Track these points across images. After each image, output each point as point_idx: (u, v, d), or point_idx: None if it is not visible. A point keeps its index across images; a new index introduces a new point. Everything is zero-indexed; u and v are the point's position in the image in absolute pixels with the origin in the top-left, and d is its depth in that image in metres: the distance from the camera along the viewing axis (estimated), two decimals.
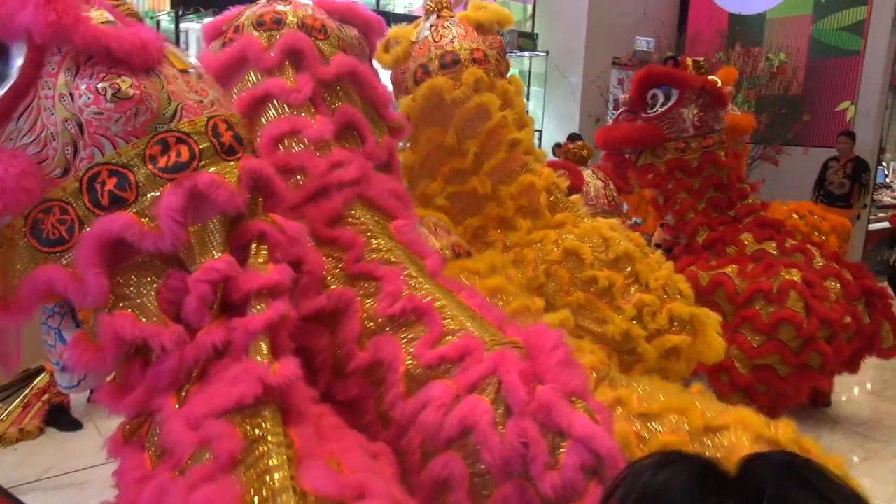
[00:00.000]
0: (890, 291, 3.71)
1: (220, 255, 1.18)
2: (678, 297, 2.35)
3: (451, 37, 2.33)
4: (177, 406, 1.12)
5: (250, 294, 1.17)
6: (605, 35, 7.89)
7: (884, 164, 9.17)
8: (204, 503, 0.96)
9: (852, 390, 4.51)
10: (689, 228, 3.67)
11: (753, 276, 3.31)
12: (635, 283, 2.32)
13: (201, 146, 1.21)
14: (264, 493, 0.99)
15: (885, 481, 3.47)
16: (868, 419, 4.19)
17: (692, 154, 3.54)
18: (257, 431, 1.07)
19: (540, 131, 7.86)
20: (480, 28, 2.39)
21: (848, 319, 3.32)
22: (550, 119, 8.11)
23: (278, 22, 1.71)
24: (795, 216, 4.06)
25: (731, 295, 3.29)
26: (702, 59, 3.71)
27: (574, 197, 2.61)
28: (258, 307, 1.17)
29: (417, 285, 1.47)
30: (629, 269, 2.33)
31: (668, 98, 3.48)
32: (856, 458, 3.69)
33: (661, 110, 3.48)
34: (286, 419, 1.12)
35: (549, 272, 2.25)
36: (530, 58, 8.02)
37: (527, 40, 7.77)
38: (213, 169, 1.20)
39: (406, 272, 1.49)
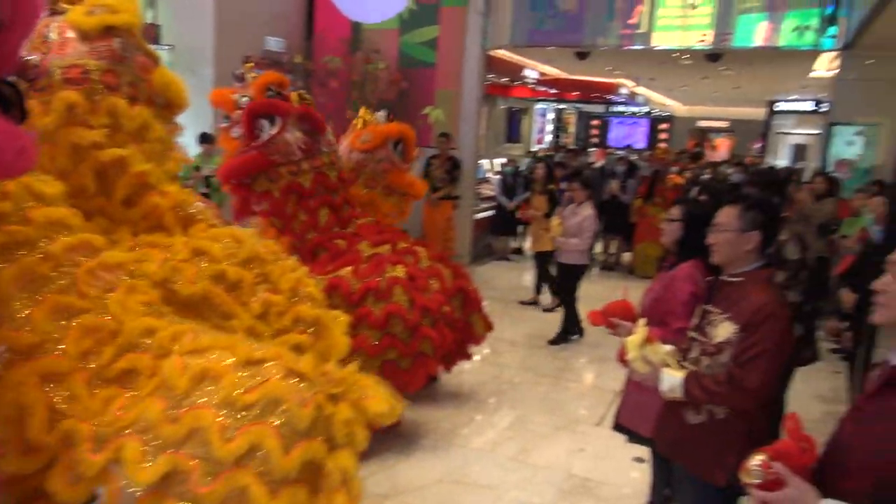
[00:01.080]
0: (479, 293, 4.26)
1: None
2: (308, 300, 2.48)
3: (45, 49, 2.07)
4: None
5: None
6: (235, 33, 7.83)
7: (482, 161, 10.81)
8: None
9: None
10: (308, 249, 3.84)
11: (365, 276, 3.57)
12: (265, 283, 2.36)
13: None
14: None
15: (489, 436, 4.19)
16: (475, 383, 4.99)
17: (304, 176, 3.80)
18: None
19: None
20: (85, 37, 2.13)
21: (446, 308, 3.76)
22: (183, 114, 7.76)
23: None
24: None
25: (346, 295, 3.49)
26: (305, 91, 4.03)
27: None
28: None
29: None
30: (259, 270, 2.36)
31: (273, 126, 3.70)
32: (478, 418, 4.38)
33: (266, 137, 3.67)
34: None
35: (175, 267, 2.15)
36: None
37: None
38: None
39: None
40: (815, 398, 5.06)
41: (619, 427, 2.98)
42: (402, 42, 8.71)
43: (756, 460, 1.49)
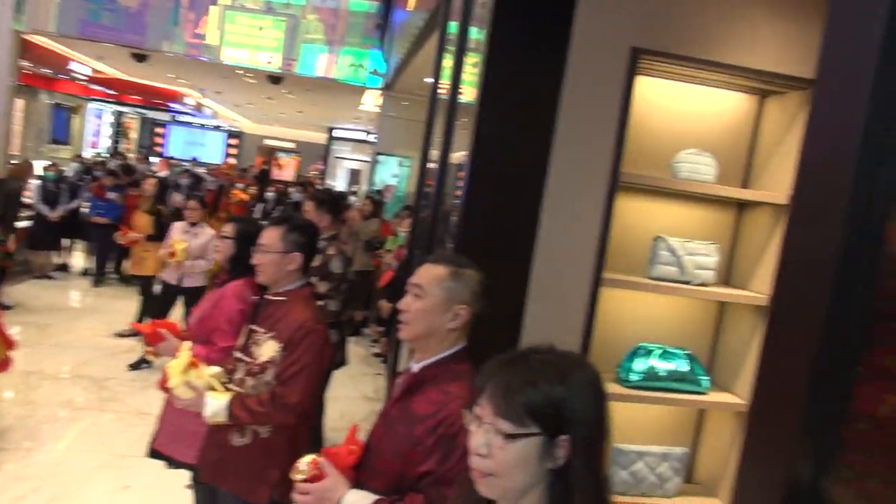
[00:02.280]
0: None
1: None
2: None
3: None
4: None
5: None
6: None
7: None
8: None
9: None
10: None
11: None
12: None
13: None
14: None
15: (8, 487, 3.53)
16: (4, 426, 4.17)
17: None
18: None
19: None
20: None
21: None
22: None
23: None
24: None
25: None
26: None
27: None
28: None
29: None
30: None
31: None
32: (6, 468, 3.62)
33: None
34: None
35: None
36: None
37: None
38: None
39: None
40: (362, 399, 5.60)
41: (154, 453, 2.79)
42: None
43: (306, 458, 1.58)
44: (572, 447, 1.01)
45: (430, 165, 4.59)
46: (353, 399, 5.49)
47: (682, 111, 2.63)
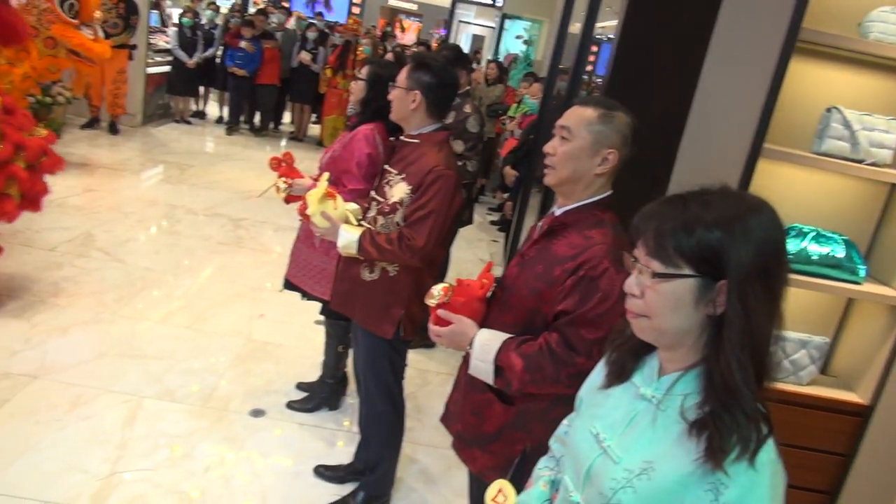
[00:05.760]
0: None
1: None
2: None
3: None
4: None
5: None
6: None
7: (162, 10, 9.51)
8: None
9: None
10: None
11: None
12: None
13: None
14: None
15: (160, 304, 3.88)
16: (149, 252, 4.55)
17: None
18: None
19: None
20: None
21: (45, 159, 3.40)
22: None
23: None
24: None
25: None
26: None
27: None
28: None
29: None
30: None
31: None
32: (154, 294, 3.99)
33: None
34: None
35: None
36: None
37: None
38: None
39: None
40: (479, 262, 5.68)
41: (288, 284, 2.97)
42: None
43: (440, 285, 1.67)
44: (728, 294, 0.94)
45: (572, 31, 4.30)
46: (469, 261, 5.58)
47: None
